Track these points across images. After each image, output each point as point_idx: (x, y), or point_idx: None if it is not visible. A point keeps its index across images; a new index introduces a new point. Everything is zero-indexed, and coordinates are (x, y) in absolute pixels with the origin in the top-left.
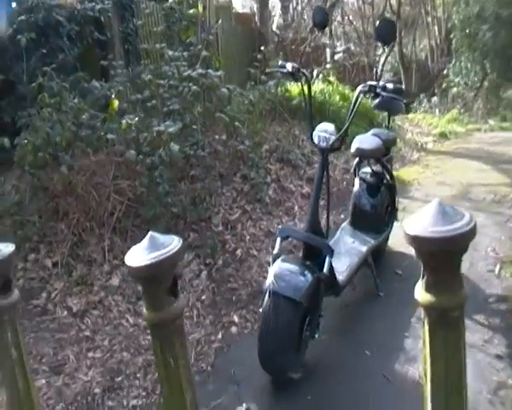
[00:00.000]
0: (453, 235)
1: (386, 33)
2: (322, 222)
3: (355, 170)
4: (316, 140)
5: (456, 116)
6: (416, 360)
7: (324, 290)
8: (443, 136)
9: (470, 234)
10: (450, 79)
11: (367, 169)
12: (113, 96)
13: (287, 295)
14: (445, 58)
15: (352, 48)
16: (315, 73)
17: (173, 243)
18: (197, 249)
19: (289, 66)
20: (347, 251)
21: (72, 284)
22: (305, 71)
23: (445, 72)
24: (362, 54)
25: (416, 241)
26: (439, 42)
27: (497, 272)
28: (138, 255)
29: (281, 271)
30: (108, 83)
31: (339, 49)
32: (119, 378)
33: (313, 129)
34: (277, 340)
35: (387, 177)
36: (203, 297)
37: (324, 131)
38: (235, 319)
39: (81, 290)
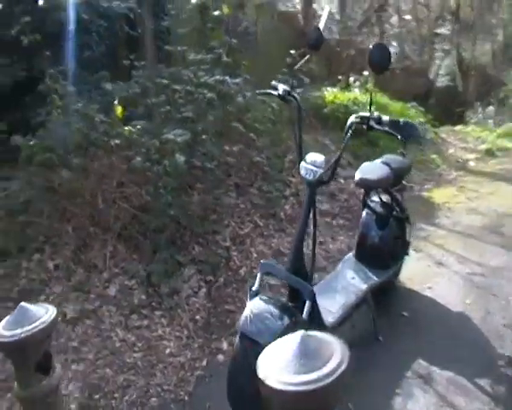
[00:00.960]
0: (310, 389)
1: (380, 60)
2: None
3: (363, 198)
4: (302, 172)
5: (510, 131)
6: None
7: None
8: (489, 153)
9: (333, 387)
10: (509, 87)
11: (376, 198)
12: (115, 102)
13: (255, 339)
14: (506, 65)
15: (407, 49)
16: (351, 79)
17: (45, 316)
18: (200, 264)
19: (281, 88)
20: (345, 288)
21: (70, 289)
22: (296, 95)
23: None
24: (416, 57)
25: (263, 388)
26: (502, 47)
27: None
28: (6, 328)
29: (255, 311)
30: (126, 84)
31: None
32: (97, 396)
33: (301, 159)
34: (243, 385)
35: (397, 209)
36: (197, 317)
37: (312, 163)
38: (225, 346)
39: (78, 297)
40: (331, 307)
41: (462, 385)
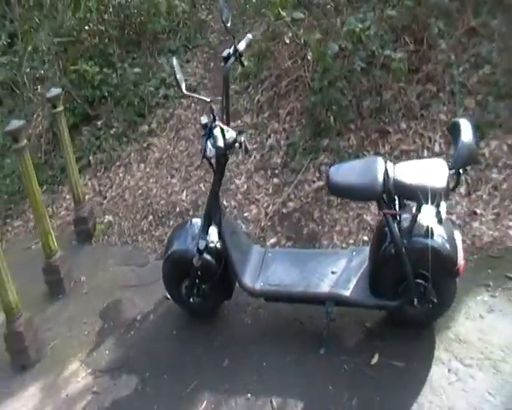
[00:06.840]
0: None
1: None
2: None
3: None
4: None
5: None
6: None
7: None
8: None
9: None
10: None
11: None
12: None
13: (170, 246)
14: None
15: None
16: None
17: None
18: (335, 156)
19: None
20: (310, 273)
21: (251, 126)
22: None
23: None
24: None
25: None
26: None
27: None
28: None
29: (187, 225)
30: None
31: None
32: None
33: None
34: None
35: (393, 237)
36: (290, 204)
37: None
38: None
39: (251, 134)
40: (272, 276)
41: None
